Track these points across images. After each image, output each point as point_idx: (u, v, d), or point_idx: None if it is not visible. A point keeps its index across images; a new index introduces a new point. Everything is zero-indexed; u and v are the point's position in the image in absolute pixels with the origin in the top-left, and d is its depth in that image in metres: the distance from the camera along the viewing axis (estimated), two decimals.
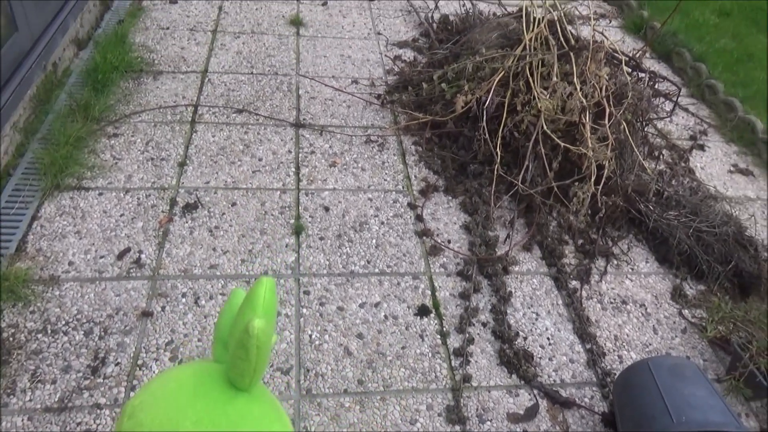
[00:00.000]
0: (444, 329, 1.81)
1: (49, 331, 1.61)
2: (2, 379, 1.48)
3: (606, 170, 2.16)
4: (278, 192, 2.19)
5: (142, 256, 1.87)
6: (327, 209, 2.15)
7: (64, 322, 1.64)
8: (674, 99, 2.73)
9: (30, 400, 1.46)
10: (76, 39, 2.84)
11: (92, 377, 1.52)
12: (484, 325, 1.84)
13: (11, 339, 1.57)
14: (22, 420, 1.42)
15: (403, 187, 2.31)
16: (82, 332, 1.63)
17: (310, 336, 1.72)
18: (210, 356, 0.44)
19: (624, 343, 1.87)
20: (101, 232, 1.93)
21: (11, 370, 1.51)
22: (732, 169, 2.74)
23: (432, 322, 1.83)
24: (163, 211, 2.04)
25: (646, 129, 2.65)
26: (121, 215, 2.00)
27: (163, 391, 0.40)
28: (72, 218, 1.96)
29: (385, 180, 2.33)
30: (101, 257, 1.85)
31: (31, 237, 1.88)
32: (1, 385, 1.47)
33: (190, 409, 0.39)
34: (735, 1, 4.36)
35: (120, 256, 1.86)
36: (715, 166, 2.75)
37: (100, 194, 2.07)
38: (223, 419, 0.39)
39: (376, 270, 1.96)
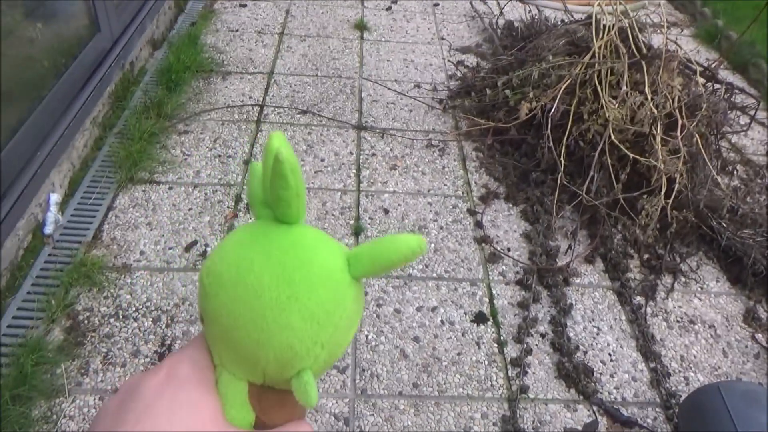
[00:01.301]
0: (501, 338, 1.78)
1: (121, 317, 1.69)
2: (77, 359, 1.56)
3: (677, 184, 2.08)
4: (339, 193, 2.22)
5: (208, 249, 1.93)
6: (386, 212, 2.17)
7: (134, 309, 1.71)
8: (751, 113, 2.60)
9: (102, 381, 1.53)
10: (152, 39, 2.97)
11: (159, 363, 1.58)
12: (542, 336, 1.80)
13: (86, 322, 1.66)
14: (94, 399, 1.49)
15: (463, 193, 2.30)
16: (151, 319, 1.69)
17: (367, 337, 1.73)
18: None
19: (691, 365, 1.79)
20: (170, 224, 2.01)
21: (85, 352, 1.58)
22: None
23: (489, 329, 1.80)
24: (228, 207, 2.10)
25: (719, 143, 2.54)
26: (189, 209, 2.08)
27: (227, 246, 0.42)
28: (144, 210, 2.05)
29: (445, 185, 2.32)
30: (170, 248, 1.92)
31: (107, 226, 1.97)
32: (77, 365, 1.55)
33: (256, 245, 0.41)
34: None
35: (187, 248, 1.92)
36: None
37: (170, 188, 2.15)
38: (287, 240, 0.41)
39: (434, 275, 1.96)
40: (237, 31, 3.19)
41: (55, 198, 1.97)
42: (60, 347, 1.59)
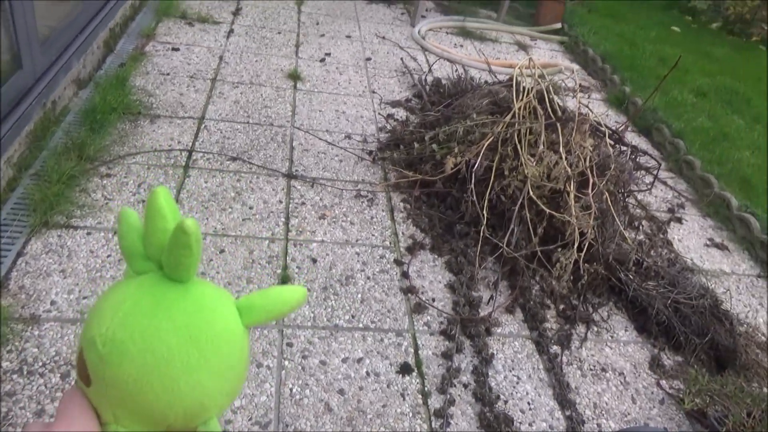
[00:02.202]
0: (426, 389, 1.80)
1: (25, 372, 1.58)
2: None
3: (588, 238, 2.22)
4: (267, 241, 2.21)
5: None
6: (314, 261, 2.17)
7: (41, 364, 1.61)
8: (654, 173, 2.84)
9: None
10: (78, 79, 2.89)
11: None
12: (465, 386, 1.84)
13: None
14: None
15: (390, 243, 2.35)
16: (59, 375, 1.60)
17: (291, 390, 1.71)
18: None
19: (603, 411, 1.88)
20: (87, 272, 1.92)
21: None
22: (708, 243, 2.84)
23: (414, 380, 1.82)
24: None
25: (626, 200, 2.75)
26: (108, 256, 2.00)
27: (122, 311, 0.41)
28: (58, 256, 1.95)
29: (373, 235, 2.37)
30: (84, 298, 1.83)
31: (15, 274, 1.86)
32: None
33: (159, 311, 0.42)
34: (711, 83, 4.61)
35: None
36: (692, 239, 2.84)
37: (88, 234, 2.07)
38: (189, 303, 0.43)
39: (360, 325, 1.97)
40: (168, 74, 3.17)
41: None
42: None
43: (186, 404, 0.42)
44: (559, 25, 4.96)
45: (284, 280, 2.05)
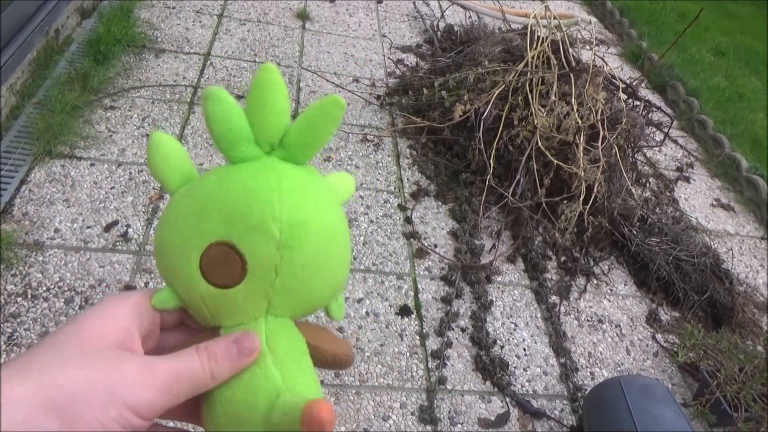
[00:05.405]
0: (423, 331, 1.83)
1: (30, 296, 1.60)
2: None
3: (595, 191, 2.20)
4: None
5: (130, 230, 1.86)
6: None
7: (45, 288, 1.63)
8: (665, 130, 2.79)
9: (5, 362, 1.44)
10: (81, 8, 2.82)
11: None
12: (463, 330, 1.87)
13: None
14: None
15: (394, 189, 2.33)
16: (63, 300, 1.61)
17: None
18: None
19: (597, 361, 1.91)
20: (90, 202, 1.92)
21: None
22: (714, 203, 2.82)
23: (412, 322, 1.85)
24: (153, 188, 2.03)
25: (635, 156, 2.71)
26: (112, 188, 1.99)
27: (282, 190, 0.38)
28: (61, 186, 1.94)
29: (378, 180, 2.35)
30: (88, 227, 1.83)
31: (18, 201, 1.86)
32: None
33: (314, 192, 0.40)
34: (731, 42, 4.48)
35: (107, 228, 1.85)
36: (699, 198, 2.82)
37: (92, 165, 2.06)
38: (322, 181, 0.43)
39: (362, 267, 1.98)
40: (174, 8, 3.08)
41: None
42: None
43: (339, 279, 0.42)
44: None
45: None
